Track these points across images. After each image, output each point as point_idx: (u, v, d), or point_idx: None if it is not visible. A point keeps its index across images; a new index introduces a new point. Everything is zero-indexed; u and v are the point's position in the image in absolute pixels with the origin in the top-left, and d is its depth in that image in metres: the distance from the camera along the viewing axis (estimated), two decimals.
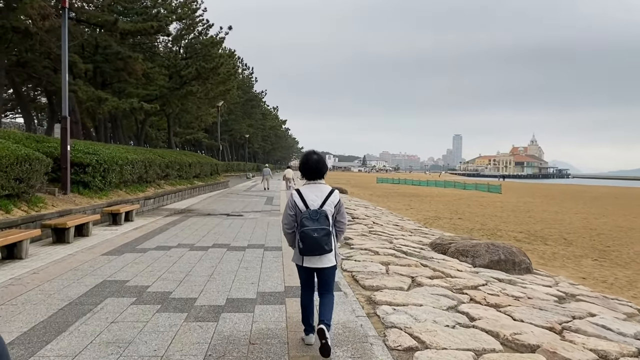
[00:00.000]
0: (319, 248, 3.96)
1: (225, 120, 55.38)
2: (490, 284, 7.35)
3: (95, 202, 12.74)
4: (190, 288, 6.10)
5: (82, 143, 15.12)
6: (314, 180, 4.24)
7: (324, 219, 4.00)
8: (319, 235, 3.93)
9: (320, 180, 4.26)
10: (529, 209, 29.62)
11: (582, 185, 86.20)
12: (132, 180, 16.60)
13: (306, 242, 3.96)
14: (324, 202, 4.10)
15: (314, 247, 3.95)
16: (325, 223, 3.99)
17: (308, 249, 3.98)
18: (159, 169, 19.72)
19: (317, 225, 3.95)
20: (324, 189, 4.19)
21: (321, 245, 3.94)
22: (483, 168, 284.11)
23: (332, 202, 4.14)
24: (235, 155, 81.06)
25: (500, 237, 16.39)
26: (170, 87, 24.67)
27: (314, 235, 3.92)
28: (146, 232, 11.24)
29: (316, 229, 3.94)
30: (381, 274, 7.16)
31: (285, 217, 4.21)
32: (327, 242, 3.97)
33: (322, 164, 4.25)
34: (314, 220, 3.97)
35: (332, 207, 4.12)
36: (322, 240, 3.94)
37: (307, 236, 3.94)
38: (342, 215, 4.26)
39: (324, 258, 4.07)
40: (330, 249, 4.02)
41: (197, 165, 27.10)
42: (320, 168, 4.24)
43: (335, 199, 4.17)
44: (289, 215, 4.16)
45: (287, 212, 4.18)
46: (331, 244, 4.03)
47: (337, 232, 4.28)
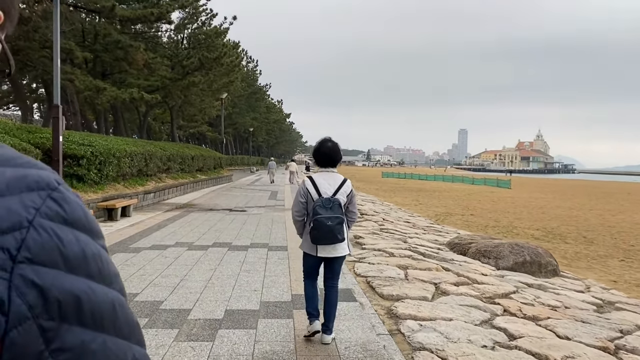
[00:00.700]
0: (333, 237, 3.90)
1: (229, 114, 54.58)
2: (522, 291, 6.57)
3: (89, 197, 12.01)
4: (184, 296, 5.34)
5: (77, 134, 14.39)
6: (327, 168, 4.18)
7: (337, 208, 3.95)
8: (332, 223, 3.87)
9: (332, 169, 4.20)
10: (541, 205, 28.75)
11: (590, 181, 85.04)
12: (131, 173, 15.87)
13: (320, 230, 3.88)
14: (337, 190, 4.04)
15: (327, 235, 3.89)
16: (339, 212, 3.95)
17: (322, 237, 3.90)
18: (160, 162, 18.98)
19: (330, 213, 3.90)
20: (336, 177, 4.13)
21: (335, 234, 3.88)
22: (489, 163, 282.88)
23: (345, 192, 4.09)
24: (239, 149, 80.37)
25: (517, 235, 15.58)
26: (172, 77, 23.87)
27: (328, 224, 3.86)
28: (143, 229, 10.50)
29: (330, 217, 3.88)
30: (400, 280, 6.38)
31: (295, 204, 4.12)
32: (340, 231, 3.92)
33: (336, 151, 4.20)
34: (327, 209, 3.91)
35: (344, 197, 4.07)
36: (335, 229, 3.88)
37: (321, 224, 3.86)
38: (353, 205, 4.22)
39: (338, 247, 4.02)
40: (343, 238, 3.97)
41: (200, 158, 26.37)
42: (334, 156, 4.19)
43: (347, 188, 4.13)
44: (299, 203, 4.08)
45: (298, 199, 4.10)
46: (344, 233, 3.98)
47: (349, 221, 4.20)
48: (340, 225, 3.94)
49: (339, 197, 4.03)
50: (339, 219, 3.93)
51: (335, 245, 4.01)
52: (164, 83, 23.93)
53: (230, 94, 39.96)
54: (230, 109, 53.05)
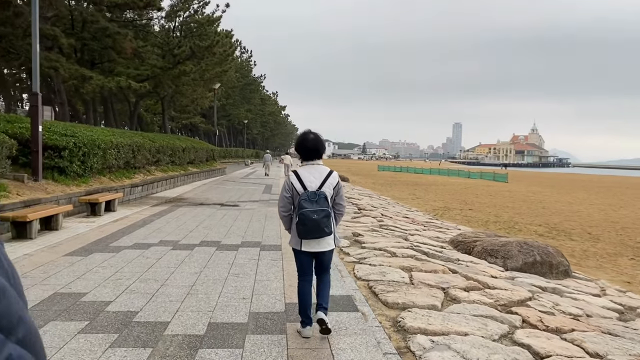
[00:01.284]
0: (319, 230, 3.80)
1: (223, 105, 53.75)
2: (538, 297, 5.98)
3: (71, 190, 11.32)
4: (163, 306, 4.71)
5: (60, 124, 13.66)
6: (312, 160, 4.07)
7: (323, 201, 3.84)
8: (318, 217, 3.76)
9: (317, 161, 4.09)
10: (540, 199, 28.25)
11: (586, 175, 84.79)
12: (117, 165, 15.17)
13: (306, 224, 3.78)
14: (322, 183, 3.94)
15: (313, 229, 3.79)
16: (325, 205, 3.84)
17: (307, 231, 3.81)
18: (148, 154, 18.27)
19: (316, 207, 3.79)
20: (322, 170, 4.03)
21: (321, 227, 3.78)
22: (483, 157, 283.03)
23: (331, 184, 3.98)
24: (233, 142, 79.54)
25: (520, 232, 15.03)
26: (162, 66, 23.06)
27: (313, 217, 3.76)
28: (127, 225, 9.84)
29: (315, 211, 3.77)
30: (405, 285, 5.77)
31: (281, 199, 4.04)
32: (327, 225, 3.82)
33: (319, 143, 4.09)
34: (313, 202, 3.81)
35: (330, 189, 3.97)
36: (322, 222, 3.78)
37: (307, 218, 3.76)
38: (341, 197, 4.10)
39: (323, 241, 3.92)
40: (330, 232, 3.87)
41: (192, 150, 25.64)
42: (318, 148, 4.07)
43: (334, 181, 4.01)
44: (284, 197, 4.01)
45: (283, 194, 4.02)
46: (331, 227, 3.88)
47: (336, 214, 4.11)
48: (327, 218, 3.82)
49: (324, 190, 3.92)
50: (325, 212, 3.81)
51: (320, 240, 3.90)
52: (154, 72, 23.13)
53: (224, 85, 39.14)
54: (224, 100, 52.23)
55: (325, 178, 3.98)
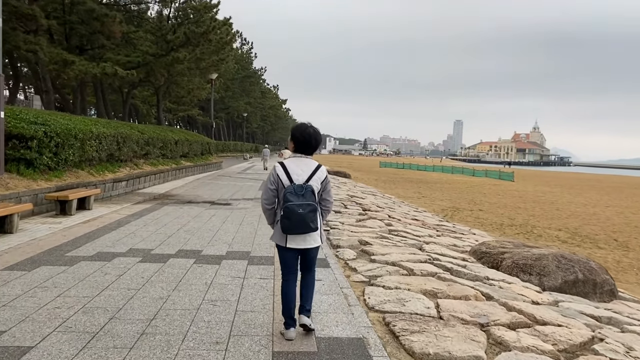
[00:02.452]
0: (304, 226, 3.59)
1: (221, 97, 52.28)
2: (601, 334, 4.64)
3: (38, 186, 9.96)
4: (104, 356, 3.35)
5: (31, 111, 12.28)
6: (303, 154, 3.84)
7: (310, 195, 3.63)
8: (304, 211, 3.55)
9: (307, 156, 3.86)
10: (551, 199, 26.91)
11: (591, 174, 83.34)
12: (99, 158, 13.79)
13: (291, 218, 3.55)
14: (310, 177, 3.72)
15: (298, 224, 3.57)
16: (312, 199, 3.64)
17: (292, 226, 3.58)
18: (136, 146, 16.90)
19: (302, 200, 3.58)
20: (310, 163, 3.81)
21: (307, 222, 3.57)
22: (484, 154, 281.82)
23: (319, 178, 3.77)
24: (232, 135, 78.15)
25: (540, 237, 13.69)
26: (155, 53, 21.63)
27: (299, 211, 3.54)
28: (97, 228, 8.49)
29: (301, 205, 3.56)
30: (432, 320, 4.42)
31: (265, 192, 3.82)
32: (313, 220, 3.62)
33: (317, 138, 3.86)
34: (299, 196, 3.59)
35: (318, 183, 3.75)
36: (307, 217, 3.57)
37: (292, 212, 3.54)
38: (328, 193, 3.88)
39: (309, 238, 3.71)
40: (315, 227, 3.66)
41: (185, 143, 24.25)
42: (314, 142, 3.85)
43: (322, 175, 3.79)
44: (269, 190, 3.78)
45: (268, 186, 3.79)
46: (317, 222, 3.67)
47: (323, 210, 3.89)
48: (313, 213, 3.62)
49: (312, 184, 3.70)
50: (311, 206, 3.61)
51: (305, 235, 3.70)
52: (145, 59, 21.69)
53: (222, 76, 37.70)
54: (223, 93, 50.76)
55: (313, 172, 3.76)
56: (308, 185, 3.67)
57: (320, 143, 3.97)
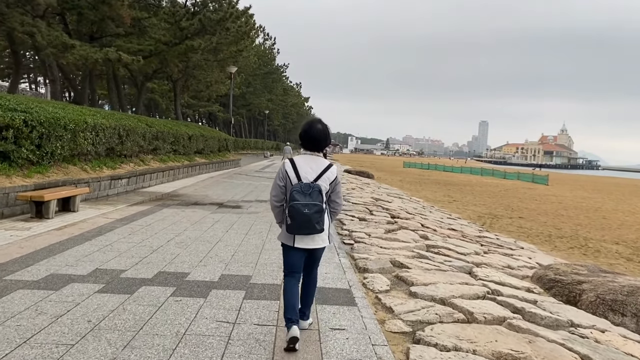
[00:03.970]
0: (309, 226, 3.40)
1: (242, 94, 50.93)
2: None
3: (11, 183, 8.46)
4: None
5: (11, 97, 10.80)
6: (313, 151, 3.64)
7: (316, 194, 3.44)
8: (310, 211, 3.37)
9: (318, 153, 3.66)
10: (593, 206, 24.70)
11: (625, 179, 79.67)
12: (95, 152, 12.33)
13: (296, 218, 3.39)
14: (319, 176, 3.53)
15: (303, 225, 3.40)
16: (318, 199, 3.43)
17: (297, 226, 3.41)
18: (142, 140, 15.43)
19: (308, 200, 3.39)
20: (320, 162, 3.62)
21: (312, 223, 3.39)
22: (510, 156, 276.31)
23: (328, 178, 3.56)
24: (253, 133, 76.94)
25: (598, 252, 11.75)
26: (168, 41, 20.23)
27: (304, 212, 3.36)
28: (69, 237, 6.94)
29: (307, 204, 3.38)
30: None
31: (274, 188, 3.65)
32: (319, 221, 3.42)
33: (325, 135, 3.65)
34: (305, 195, 3.41)
35: (327, 184, 3.55)
36: (313, 218, 3.38)
37: (297, 212, 3.37)
38: (337, 194, 3.69)
39: (317, 238, 3.54)
40: (321, 229, 3.47)
41: (200, 138, 22.77)
42: (323, 140, 3.64)
43: (331, 175, 3.59)
44: (277, 186, 3.62)
45: (277, 182, 3.63)
46: (323, 223, 3.49)
47: (331, 212, 3.71)
48: (319, 214, 3.41)
49: (320, 183, 3.49)
50: (317, 206, 3.39)
51: (313, 236, 3.49)
52: (158, 48, 20.27)
53: (242, 70, 36.26)
54: (244, 89, 49.39)
55: (322, 171, 3.54)
56: (316, 185, 3.47)
57: (328, 140, 3.70)
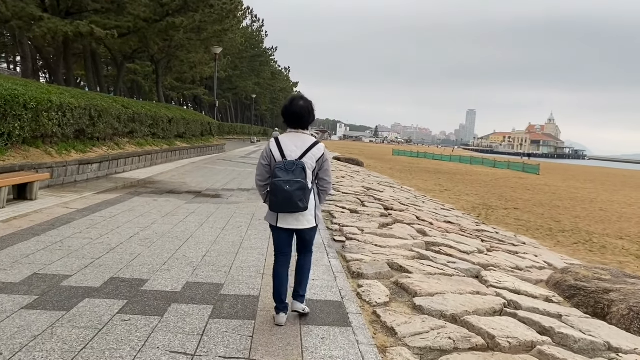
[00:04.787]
0: (291, 205, 3.30)
1: (229, 76, 49.56)
2: None
3: None
4: None
5: None
6: (297, 129, 3.54)
7: (300, 171, 3.34)
8: (291, 188, 3.27)
9: (303, 130, 3.55)
10: (588, 197, 24.10)
11: (612, 169, 79.78)
12: (63, 134, 11.27)
13: (277, 195, 3.31)
14: (304, 153, 3.43)
15: (285, 202, 3.31)
16: (301, 176, 3.33)
17: (279, 204, 3.34)
18: (117, 123, 14.34)
19: (291, 177, 3.30)
20: (306, 139, 3.50)
21: (294, 201, 3.28)
22: (497, 145, 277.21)
23: (314, 156, 3.46)
24: (240, 118, 75.53)
25: (604, 249, 11.01)
26: (148, 18, 19.03)
27: (285, 188, 3.27)
28: (14, 231, 5.97)
29: (289, 181, 3.28)
30: None
31: (258, 167, 3.59)
32: (302, 199, 3.32)
33: (308, 111, 3.53)
34: (288, 172, 3.32)
35: (312, 161, 3.46)
36: (295, 195, 3.28)
37: (278, 189, 3.29)
38: (325, 172, 3.58)
39: (301, 217, 3.45)
40: (305, 207, 3.36)
41: (182, 122, 21.67)
42: (306, 115, 3.52)
43: (318, 153, 3.48)
44: (262, 166, 3.55)
45: (261, 161, 3.56)
46: (306, 202, 3.36)
47: (320, 191, 3.62)
48: (302, 191, 3.30)
49: (305, 161, 3.39)
50: (299, 183, 3.29)
51: (296, 215, 3.41)
52: (137, 25, 19.05)
53: (228, 51, 34.98)
54: (230, 71, 48.02)
55: (308, 148, 3.43)
56: (300, 162, 3.36)
57: (312, 116, 3.54)
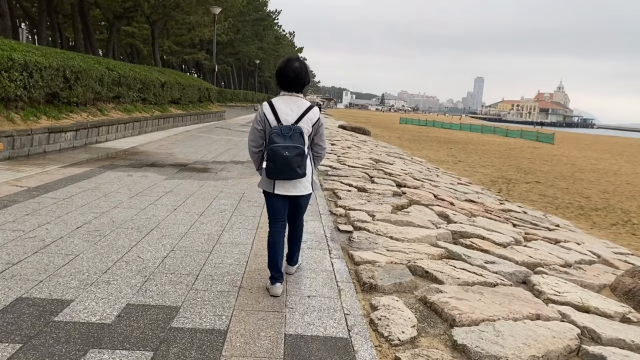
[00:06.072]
0: (290, 170, 3.24)
1: (230, 40, 47.55)
2: None
3: None
4: None
5: None
6: (290, 92, 3.41)
7: (297, 137, 3.24)
8: (290, 154, 3.18)
9: (297, 94, 3.43)
10: (611, 169, 22.63)
11: (624, 138, 77.64)
12: (29, 98, 9.89)
13: (276, 162, 3.20)
14: (300, 117, 3.33)
15: (283, 168, 3.22)
16: (299, 141, 3.24)
17: (277, 170, 3.24)
18: (99, 86, 12.90)
19: (289, 142, 3.20)
20: (301, 103, 3.40)
21: (292, 167, 3.22)
22: (505, 113, 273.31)
23: (310, 120, 3.36)
24: (243, 84, 73.58)
25: None
26: None
27: (284, 154, 3.18)
28: None
29: (287, 147, 3.19)
30: None
31: (251, 132, 3.45)
32: (301, 165, 3.26)
33: (303, 73, 3.38)
34: (285, 137, 3.21)
35: (309, 126, 3.36)
36: (293, 161, 3.20)
37: (277, 155, 3.18)
38: (320, 137, 3.51)
39: (298, 184, 3.40)
40: (303, 173, 3.30)
41: (176, 87, 20.16)
42: (301, 78, 3.38)
43: (313, 117, 3.39)
44: (256, 130, 3.41)
45: (255, 126, 3.42)
46: (305, 167, 3.31)
47: (315, 157, 3.57)
48: (300, 157, 3.22)
49: (301, 125, 3.29)
50: (298, 149, 3.20)
51: (294, 181, 3.34)
52: None
53: (228, 12, 33.06)
54: (232, 35, 46.00)
55: (303, 112, 3.33)
56: (297, 127, 3.27)
57: (307, 78, 3.40)
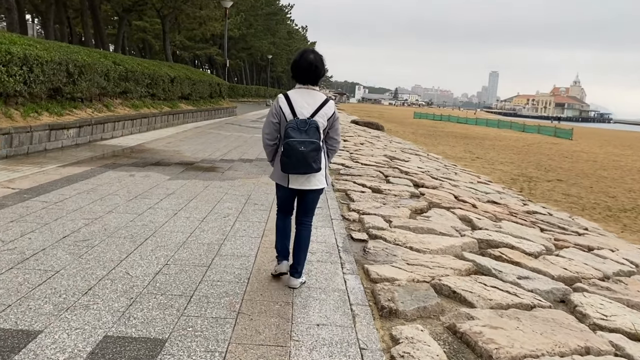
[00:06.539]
0: (306, 165, 3.21)
1: (243, 35, 47.11)
2: None
3: None
4: None
5: None
6: (306, 84, 3.39)
7: (314, 131, 3.21)
8: (306, 149, 3.16)
9: (313, 87, 3.40)
10: (635, 166, 21.79)
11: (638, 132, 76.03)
12: (30, 93, 9.51)
13: (291, 156, 3.18)
14: (315, 111, 3.30)
15: (299, 163, 3.20)
16: (315, 136, 3.21)
17: (293, 165, 3.22)
18: (104, 81, 12.52)
19: (305, 137, 3.18)
20: (317, 96, 3.37)
21: (308, 162, 3.19)
22: (521, 108, 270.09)
23: (326, 114, 3.34)
24: (255, 79, 73.18)
25: None
26: None
27: (300, 149, 3.16)
28: None
29: (304, 142, 3.17)
30: None
31: (267, 125, 3.43)
32: (316, 159, 3.22)
33: (318, 65, 3.33)
34: (301, 132, 3.20)
35: (324, 120, 3.34)
36: (309, 156, 3.18)
37: (293, 149, 3.16)
38: (335, 131, 3.49)
39: (313, 178, 3.35)
40: (318, 168, 3.27)
41: (186, 82, 19.75)
42: (316, 70, 3.33)
43: (329, 110, 3.36)
44: (271, 123, 3.39)
45: (270, 119, 3.40)
46: (320, 162, 3.27)
47: (329, 150, 3.53)
48: (316, 152, 3.20)
49: (317, 120, 3.26)
50: (314, 144, 3.18)
51: (309, 175, 3.31)
52: None
53: (241, 7, 32.60)
54: (244, 30, 45.53)
55: (319, 106, 3.31)
56: (312, 121, 3.24)
57: (322, 71, 3.35)
